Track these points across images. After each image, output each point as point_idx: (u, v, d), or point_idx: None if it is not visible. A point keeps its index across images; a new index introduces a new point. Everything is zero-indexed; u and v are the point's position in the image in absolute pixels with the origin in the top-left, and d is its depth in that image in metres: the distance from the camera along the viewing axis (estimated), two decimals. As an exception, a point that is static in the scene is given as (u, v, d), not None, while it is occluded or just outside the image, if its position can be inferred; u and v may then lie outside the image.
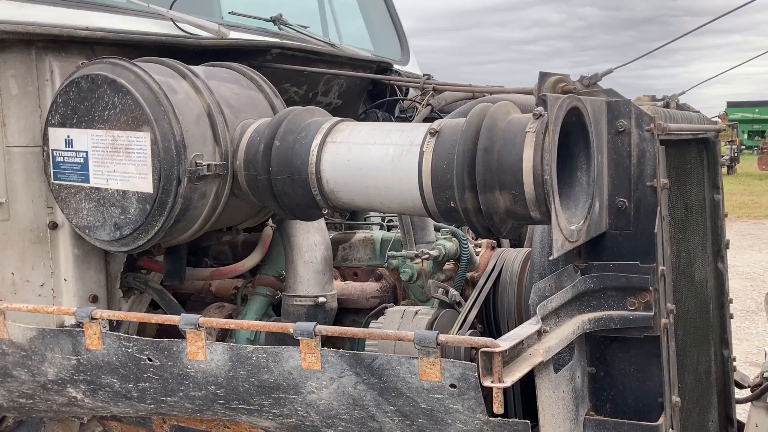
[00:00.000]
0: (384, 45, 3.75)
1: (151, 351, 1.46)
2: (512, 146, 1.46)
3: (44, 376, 1.62)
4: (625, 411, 1.71)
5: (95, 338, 1.50)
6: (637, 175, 1.66)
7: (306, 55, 2.57)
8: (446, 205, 1.55)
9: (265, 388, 1.40)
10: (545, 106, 1.44)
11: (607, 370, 1.72)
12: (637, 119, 1.66)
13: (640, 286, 1.61)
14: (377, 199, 1.67)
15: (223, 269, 2.25)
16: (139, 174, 1.73)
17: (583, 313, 1.62)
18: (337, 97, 2.86)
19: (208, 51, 2.30)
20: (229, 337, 2.31)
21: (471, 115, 1.53)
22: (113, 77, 1.74)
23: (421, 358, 1.26)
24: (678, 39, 2.46)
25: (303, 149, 1.72)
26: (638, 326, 1.62)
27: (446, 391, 1.26)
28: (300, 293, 2.17)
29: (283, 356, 1.36)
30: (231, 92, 1.92)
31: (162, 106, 1.72)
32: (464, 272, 2.25)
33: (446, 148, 1.54)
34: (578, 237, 1.51)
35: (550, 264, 1.91)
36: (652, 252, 1.64)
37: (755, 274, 10.05)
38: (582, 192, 1.58)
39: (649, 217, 1.65)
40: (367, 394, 1.33)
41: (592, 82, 1.71)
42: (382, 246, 2.41)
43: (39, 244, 1.95)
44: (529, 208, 1.48)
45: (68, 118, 1.81)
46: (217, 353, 1.42)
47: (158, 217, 1.74)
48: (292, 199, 1.77)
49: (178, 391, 1.48)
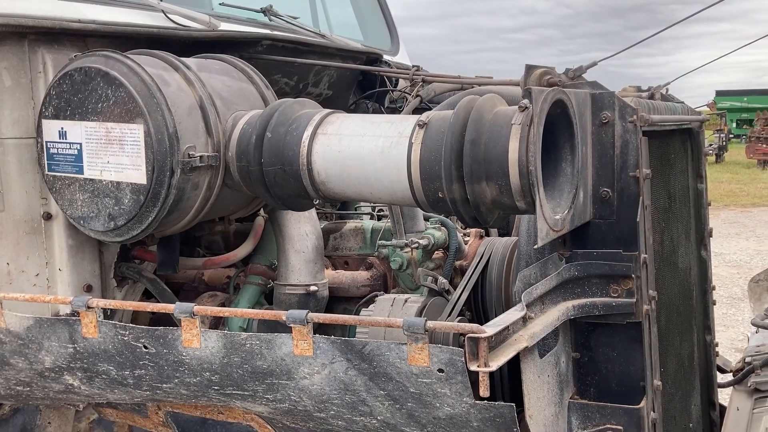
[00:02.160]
0: (373, 35, 3.77)
1: (147, 339, 1.49)
2: (498, 138, 1.50)
3: (41, 364, 1.65)
4: (609, 394, 1.75)
5: (92, 327, 1.53)
6: (620, 165, 1.70)
7: (296, 47, 2.60)
8: (434, 195, 1.59)
9: (259, 374, 1.44)
10: (531, 99, 1.47)
11: (591, 355, 1.77)
12: (620, 111, 1.70)
13: (622, 274, 1.66)
14: (367, 190, 1.71)
15: (215, 259, 2.28)
16: (133, 165, 1.75)
17: (567, 300, 1.66)
18: (327, 87, 2.88)
19: (200, 43, 2.32)
20: (222, 325, 2.35)
21: (458, 107, 1.57)
22: (106, 70, 1.77)
23: (410, 344, 1.30)
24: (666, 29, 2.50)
25: (294, 141, 1.75)
26: (621, 312, 1.67)
27: (434, 376, 1.30)
28: (292, 282, 2.21)
29: (276, 343, 1.40)
30: (223, 84, 1.95)
31: (155, 99, 1.74)
32: (453, 261, 2.30)
33: (434, 139, 1.58)
34: (563, 226, 1.55)
35: (535, 252, 1.95)
36: (635, 240, 1.68)
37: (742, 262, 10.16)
38: (566, 182, 1.62)
39: (632, 207, 1.69)
40: (357, 379, 1.37)
41: (577, 75, 1.74)
42: (372, 235, 2.44)
43: (33, 234, 1.98)
44: (515, 199, 1.52)
45: (62, 110, 1.83)
46: (212, 341, 1.45)
47: (152, 208, 1.77)
48: (283, 190, 1.80)
49: (173, 377, 1.52)
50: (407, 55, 3.87)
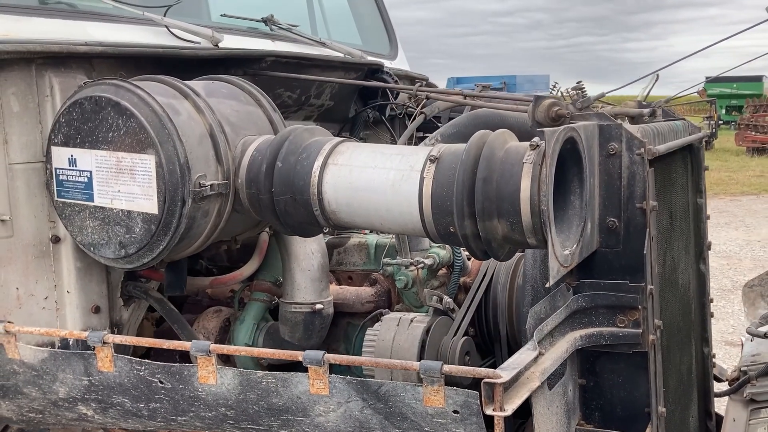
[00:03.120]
0: (372, 39, 3.77)
1: (163, 374, 1.51)
2: (510, 177, 1.51)
3: (55, 394, 1.67)
4: (613, 420, 1.79)
5: (107, 361, 1.54)
6: (627, 196, 1.73)
7: (299, 61, 2.60)
8: (446, 230, 1.61)
9: (275, 410, 1.46)
10: (542, 136, 1.49)
11: (597, 380, 1.80)
12: (627, 143, 1.72)
13: (629, 305, 1.68)
14: (378, 221, 1.72)
15: (222, 278, 2.29)
16: (144, 195, 1.76)
17: (575, 329, 1.69)
18: (329, 98, 2.89)
19: (205, 61, 2.32)
20: (227, 342, 2.37)
21: (470, 143, 1.58)
22: (117, 99, 1.77)
23: (426, 386, 1.33)
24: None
25: (305, 170, 1.76)
26: (627, 342, 1.70)
27: (449, 417, 1.33)
28: (297, 300, 2.23)
29: (292, 382, 1.42)
30: (231, 109, 1.95)
31: (166, 129, 1.75)
32: (457, 279, 2.32)
33: (446, 175, 1.60)
34: (572, 261, 1.57)
35: (541, 275, 1.98)
36: (641, 270, 1.71)
37: (731, 253, 10.23)
38: (575, 215, 1.64)
39: (639, 237, 1.72)
40: (373, 418, 1.39)
41: (585, 106, 1.76)
42: (376, 251, 2.46)
43: (42, 258, 1.98)
44: (526, 236, 1.54)
45: (71, 138, 1.83)
46: (228, 377, 1.47)
47: (163, 237, 1.78)
48: (293, 218, 1.81)
49: (188, 411, 1.54)
50: (406, 60, 3.87)
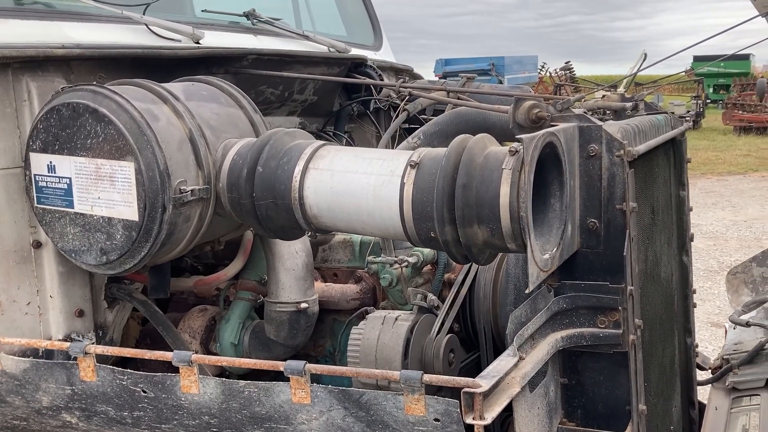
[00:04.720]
0: (357, 30, 3.75)
1: (145, 384, 1.51)
2: (489, 183, 1.52)
3: (39, 403, 1.67)
4: (595, 417, 1.81)
5: (89, 371, 1.54)
6: (608, 197, 1.73)
7: (282, 58, 2.59)
8: (427, 234, 1.61)
9: (257, 419, 1.47)
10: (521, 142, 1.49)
11: (579, 379, 1.82)
12: (607, 144, 1.72)
13: (609, 306, 1.70)
14: (359, 225, 1.73)
15: (206, 279, 2.30)
16: (124, 202, 1.75)
17: (556, 331, 1.70)
18: (312, 93, 2.88)
19: (185, 60, 2.30)
20: (213, 341, 2.37)
21: (450, 149, 1.58)
22: (95, 106, 1.75)
23: (407, 395, 1.34)
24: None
25: (286, 175, 1.76)
26: (608, 343, 1.72)
27: (430, 425, 1.34)
28: (282, 300, 2.24)
29: (275, 391, 1.42)
30: (211, 112, 1.94)
31: (145, 136, 1.74)
32: (441, 276, 2.33)
33: (426, 180, 1.60)
34: (552, 265, 1.58)
35: (524, 273, 1.99)
36: (621, 270, 1.72)
37: (718, 233, 10.29)
38: (555, 218, 1.65)
39: (619, 238, 1.73)
40: (355, 426, 1.40)
41: (565, 107, 1.76)
42: (361, 248, 2.47)
43: (24, 263, 1.97)
44: (506, 241, 1.55)
45: (50, 145, 1.82)
46: (210, 387, 1.48)
47: (144, 244, 1.78)
48: (275, 222, 1.81)
49: (172, 419, 1.55)
50: (390, 50, 3.86)
